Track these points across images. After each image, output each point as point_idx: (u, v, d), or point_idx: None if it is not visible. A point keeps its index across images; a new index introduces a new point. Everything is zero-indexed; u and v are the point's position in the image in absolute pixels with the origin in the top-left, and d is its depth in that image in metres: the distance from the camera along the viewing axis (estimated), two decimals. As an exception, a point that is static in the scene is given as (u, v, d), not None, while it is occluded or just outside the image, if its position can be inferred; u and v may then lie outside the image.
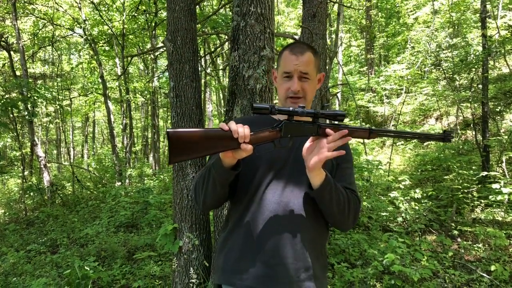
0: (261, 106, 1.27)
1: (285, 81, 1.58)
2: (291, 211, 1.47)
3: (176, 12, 3.39)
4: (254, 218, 1.48)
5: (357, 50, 21.15)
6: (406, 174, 9.19)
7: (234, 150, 1.28)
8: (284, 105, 1.60)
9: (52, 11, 11.97)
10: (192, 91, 3.44)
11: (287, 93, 1.58)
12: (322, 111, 1.35)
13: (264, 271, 1.42)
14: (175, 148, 1.20)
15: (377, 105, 16.25)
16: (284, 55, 1.60)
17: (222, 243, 1.58)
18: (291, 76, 1.56)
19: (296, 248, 1.45)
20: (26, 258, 5.44)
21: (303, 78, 1.56)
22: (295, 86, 1.55)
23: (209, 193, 1.45)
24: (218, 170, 1.35)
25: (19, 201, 10.15)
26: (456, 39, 12.64)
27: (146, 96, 15.96)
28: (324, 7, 5.19)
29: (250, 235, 1.47)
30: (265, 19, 2.80)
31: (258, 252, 1.44)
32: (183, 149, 1.21)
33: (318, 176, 1.37)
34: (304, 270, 1.46)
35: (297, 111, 1.31)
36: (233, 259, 1.49)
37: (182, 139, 1.21)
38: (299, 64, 1.55)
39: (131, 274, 4.61)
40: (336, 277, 4.11)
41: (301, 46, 1.61)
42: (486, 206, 6.29)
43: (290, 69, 1.55)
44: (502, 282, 4.09)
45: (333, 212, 1.47)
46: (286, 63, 1.57)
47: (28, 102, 9.13)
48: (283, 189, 1.49)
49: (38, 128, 18.23)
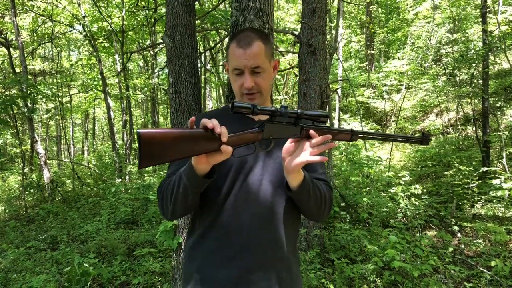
0: (243, 105, 1.17)
1: (237, 77, 1.47)
2: (267, 212, 1.41)
3: (175, 7, 3.36)
4: (228, 222, 1.40)
5: (357, 46, 21.10)
6: (407, 169, 9.19)
7: (210, 154, 1.17)
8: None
9: (51, 8, 11.93)
10: (191, 87, 3.42)
11: (241, 90, 1.47)
12: (305, 112, 1.27)
13: (243, 275, 1.36)
14: (146, 151, 1.05)
15: (377, 101, 16.24)
16: (231, 49, 1.46)
17: (192, 249, 1.47)
18: (242, 72, 1.45)
19: (274, 249, 1.42)
20: (26, 255, 5.44)
21: (255, 72, 1.45)
22: (248, 83, 1.44)
23: (179, 204, 1.32)
24: (191, 179, 1.23)
25: (19, 198, 10.16)
26: (457, 35, 12.60)
27: (146, 92, 15.94)
28: (324, 3, 5.16)
29: (225, 240, 1.39)
30: (264, 14, 2.78)
31: (234, 257, 1.37)
32: (155, 153, 1.07)
33: (297, 178, 1.33)
34: (284, 270, 1.44)
35: (280, 111, 1.23)
36: (207, 265, 1.41)
37: (154, 140, 1.06)
38: (249, 59, 1.41)
39: (131, 271, 4.62)
40: (336, 273, 4.10)
41: (248, 35, 1.45)
42: (487, 202, 6.29)
43: (240, 64, 1.43)
44: (502, 277, 4.09)
45: (311, 209, 1.45)
46: (234, 58, 1.44)
47: (27, 99, 9.11)
48: (257, 190, 1.42)
49: (38, 125, 18.20)
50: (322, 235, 5.02)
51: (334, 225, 5.52)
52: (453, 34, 12.97)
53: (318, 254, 4.66)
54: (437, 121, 12.87)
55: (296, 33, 5.49)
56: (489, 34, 8.16)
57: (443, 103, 12.84)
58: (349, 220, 5.83)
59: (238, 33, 1.49)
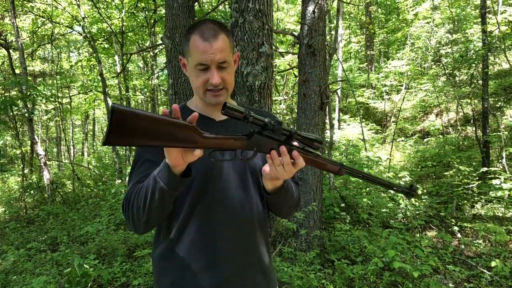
0: (235, 108, 1.07)
1: (200, 73, 1.32)
2: (239, 217, 1.38)
3: (174, 9, 3.37)
4: (198, 229, 1.33)
5: (357, 46, 21.11)
6: (407, 170, 9.18)
7: (186, 150, 1.08)
8: (202, 99, 1.39)
9: (51, 9, 11.93)
10: (191, 88, 3.43)
11: (206, 86, 1.33)
12: (299, 133, 1.20)
13: (218, 285, 1.33)
14: (117, 124, 0.91)
15: (377, 102, 16.25)
16: (194, 41, 1.31)
17: (162, 261, 1.39)
18: (208, 67, 1.31)
19: (249, 254, 1.40)
20: (26, 256, 5.44)
21: (221, 67, 1.32)
22: (215, 80, 1.31)
23: (154, 211, 1.21)
24: (169, 180, 1.13)
25: (19, 199, 10.16)
26: (456, 35, 12.61)
27: (146, 93, 15.95)
28: (323, 3, 5.17)
29: (196, 250, 1.33)
30: (263, 15, 2.79)
31: (207, 267, 1.33)
32: (127, 130, 0.93)
33: (276, 183, 1.32)
34: (260, 272, 1.43)
35: (273, 125, 1.14)
36: (180, 279, 1.34)
37: (127, 115, 0.92)
38: (215, 53, 1.29)
39: (131, 272, 4.61)
40: (336, 273, 4.10)
41: (212, 27, 1.32)
42: (487, 202, 6.29)
43: (206, 59, 1.29)
44: (502, 278, 4.09)
45: (283, 210, 1.47)
46: (198, 52, 1.29)
47: (27, 100, 9.12)
48: (227, 193, 1.37)
49: (38, 126, 18.22)
50: (322, 235, 5.02)
51: (334, 225, 5.52)
52: (453, 35, 12.98)
53: (318, 255, 4.66)
54: (437, 121, 12.87)
55: (296, 34, 5.50)
56: (489, 35, 8.16)
57: (443, 104, 12.84)
58: (349, 220, 5.84)
59: (198, 24, 1.35)
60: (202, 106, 1.47)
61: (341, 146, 10.92)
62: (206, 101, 1.39)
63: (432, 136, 12.02)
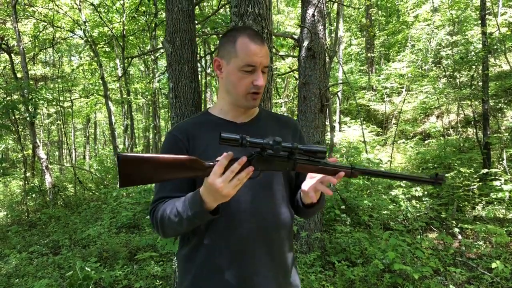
0: (230, 137, 1.10)
1: (246, 74, 1.35)
2: (266, 222, 1.40)
3: (174, 13, 3.39)
4: (226, 234, 1.36)
5: (358, 48, 21.16)
6: (408, 172, 9.18)
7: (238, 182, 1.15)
8: (238, 101, 1.43)
9: (52, 13, 12.00)
10: (192, 91, 3.45)
11: (249, 88, 1.37)
12: (300, 146, 1.20)
13: (239, 284, 1.35)
14: (125, 169, 1.08)
15: (378, 104, 16.27)
16: (244, 43, 1.35)
17: (186, 262, 1.44)
18: (255, 69, 1.35)
19: (275, 255, 1.42)
20: (28, 260, 5.47)
21: (263, 72, 1.38)
22: (261, 81, 1.35)
23: (181, 230, 1.32)
24: (198, 215, 1.20)
25: (21, 203, 10.18)
26: (456, 37, 12.63)
27: (147, 97, 16.00)
28: (323, 7, 5.20)
29: (219, 249, 1.36)
30: (263, 20, 2.81)
31: (235, 265, 1.35)
32: (133, 174, 1.09)
33: (312, 198, 1.33)
34: (281, 275, 1.44)
35: (272, 145, 1.15)
36: (204, 276, 1.38)
37: (132, 162, 1.09)
38: (264, 56, 1.35)
39: (132, 275, 4.63)
40: (337, 275, 4.12)
41: (257, 33, 1.39)
42: (487, 204, 6.30)
43: (255, 61, 1.34)
44: (503, 279, 4.10)
45: (309, 216, 1.52)
46: (249, 53, 1.34)
47: (29, 104, 9.16)
48: (253, 200, 1.38)
49: (40, 130, 18.28)
50: (323, 238, 5.03)
51: (335, 228, 5.53)
52: (453, 36, 13.00)
53: (319, 257, 4.67)
54: (437, 123, 12.87)
55: (296, 37, 5.52)
56: (489, 36, 8.18)
57: (444, 105, 12.85)
58: (350, 222, 5.85)
59: (241, 29, 1.42)
60: (228, 110, 1.49)
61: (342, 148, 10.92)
62: (243, 104, 1.42)
63: (433, 138, 12.03)
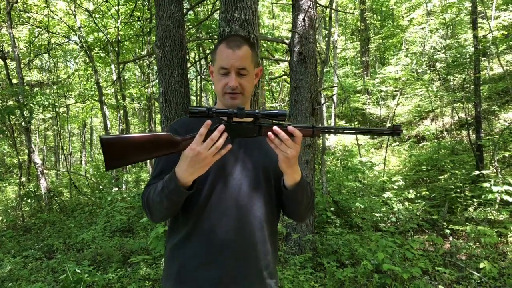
0: (198, 110, 1.24)
1: (222, 77, 1.50)
2: (250, 213, 1.47)
3: (164, 19, 3.46)
4: (212, 224, 1.45)
5: (353, 52, 21.28)
6: (401, 174, 9.25)
7: (216, 153, 1.27)
8: (222, 101, 1.56)
9: (47, 19, 12.05)
10: (181, 96, 3.51)
11: (225, 89, 1.50)
12: (262, 112, 1.31)
13: (223, 275, 1.43)
14: (108, 155, 1.21)
15: (373, 107, 16.36)
16: (220, 49, 1.51)
17: (174, 250, 1.53)
18: (229, 71, 1.49)
19: (258, 251, 1.49)
20: (22, 264, 5.49)
21: (240, 74, 1.49)
22: (233, 82, 1.47)
23: (165, 211, 1.41)
24: (173, 190, 1.32)
25: (16, 208, 10.19)
26: (449, 40, 12.74)
27: (142, 102, 16.04)
28: (313, 12, 5.27)
29: (206, 242, 1.45)
30: (249, 25, 2.87)
31: (219, 259, 1.44)
32: (117, 156, 1.22)
33: (295, 173, 1.39)
34: (265, 269, 1.51)
35: (236, 112, 1.27)
36: (190, 267, 1.46)
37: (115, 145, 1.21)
38: (236, 59, 1.47)
39: (126, 278, 4.66)
40: (328, 276, 4.16)
41: (238, 39, 1.53)
42: (479, 205, 6.35)
43: (227, 64, 1.47)
44: (491, 279, 4.15)
45: (299, 209, 1.53)
46: (222, 58, 1.49)
47: (24, 109, 9.19)
48: (239, 192, 1.48)
49: (36, 135, 18.28)
50: (314, 240, 5.08)
51: (326, 229, 5.58)
52: (446, 40, 13.11)
53: (311, 258, 4.71)
54: (432, 126, 12.96)
55: (287, 42, 5.59)
56: (481, 40, 8.27)
57: (438, 108, 12.95)
58: (340, 224, 5.89)
59: (227, 37, 1.58)
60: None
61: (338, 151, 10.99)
62: (224, 103, 1.54)
63: (428, 140, 12.11)
